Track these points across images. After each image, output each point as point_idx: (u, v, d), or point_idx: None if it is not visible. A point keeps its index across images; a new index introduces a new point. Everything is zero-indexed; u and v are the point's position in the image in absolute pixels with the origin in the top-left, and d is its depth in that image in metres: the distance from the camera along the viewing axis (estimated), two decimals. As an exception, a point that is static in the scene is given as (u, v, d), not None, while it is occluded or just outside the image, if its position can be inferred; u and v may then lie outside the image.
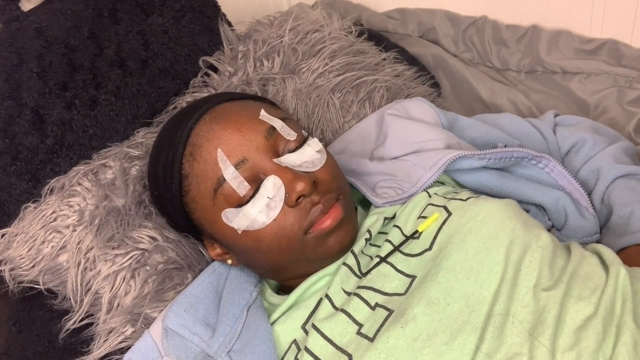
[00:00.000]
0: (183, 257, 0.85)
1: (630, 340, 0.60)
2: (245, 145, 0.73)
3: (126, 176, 0.90)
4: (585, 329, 0.61)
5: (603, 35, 1.11)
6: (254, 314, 0.75)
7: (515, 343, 0.61)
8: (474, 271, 0.67)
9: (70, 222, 0.86)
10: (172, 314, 0.76)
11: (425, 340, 0.63)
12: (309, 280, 0.75)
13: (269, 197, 0.71)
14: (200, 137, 0.74)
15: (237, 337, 0.72)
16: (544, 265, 0.67)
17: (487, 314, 0.63)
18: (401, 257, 0.73)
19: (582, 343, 0.60)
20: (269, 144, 0.74)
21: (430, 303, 0.65)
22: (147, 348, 0.75)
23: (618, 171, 0.85)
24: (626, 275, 0.67)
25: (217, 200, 0.73)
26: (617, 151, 0.88)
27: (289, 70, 0.99)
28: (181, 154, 0.75)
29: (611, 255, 0.71)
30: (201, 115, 0.76)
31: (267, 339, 0.71)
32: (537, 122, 0.94)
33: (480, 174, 0.84)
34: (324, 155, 0.77)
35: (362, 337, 0.66)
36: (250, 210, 0.72)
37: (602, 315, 0.63)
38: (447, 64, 1.20)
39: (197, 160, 0.74)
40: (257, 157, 0.73)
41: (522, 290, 0.65)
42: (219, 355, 0.71)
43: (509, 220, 0.71)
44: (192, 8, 1.06)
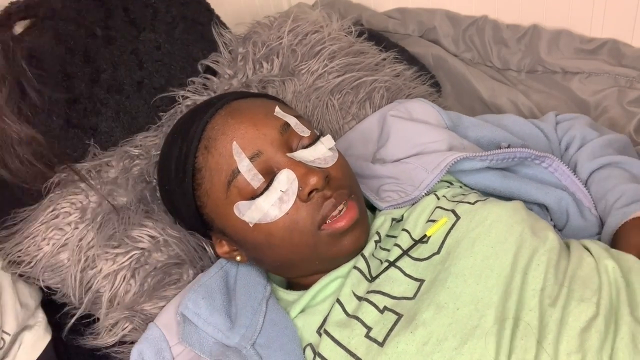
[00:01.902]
0: (185, 252, 0.86)
1: (628, 334, 0.61)
2: (260, 139, 0.73)
3: (127, 174, 0.91)
4: (588, 330, 0.62)
5: (603, 35, 1.11)
6: (273, 308, 0.76)
7: (523, 347, 0.61)
8: (484, 276, 0.67)
9: (72, 219, 0.86)
10: (189, 301, 0.76)
11: (435, 345, 0.63)
12: (322, 282, 0.75)
13: (282, 191, 0.72)
14: (216, 131, 0.75)
15: (259, 330, 0.72)
16: (549, 268, 0.68)
17: (497, 318, 0.63)
18: (410, 261, 0.73)
19: (586, 344, 0.61)
20: (283, 139, 0.74)
21: (440, 308, 0.66)
22: (155, 338, 0.76)
23: (590, 167, 0.86)
24: (614, 267, 0.68)
25: (230, 193, 0.73)
26: (598, 145, 0.88)
27: (288, 72, 1.00)
28: (196, 147, 0.76)
29: (597, 250, 0.71)
30: (217, 110, 0.77)
31: (293, 336, 0.72)
32: (539, 122, 0.95)
33: (483, 175, 0.84)
34: (336, 153, 0.77)
35: (372, 341, 0.66)
36: (262, 203, 0.72)
37: (604, 314, 0.63)
38: (447, 64, 1.20)
39: (211, 153, 0.74)
40: (271, 151, 0.73)
41: (529, 294, 0.65)
42: (243, 346, 0.71)
43: (517, 225, 0.71)
44: (185, 17, 1.05)
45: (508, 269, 0.67)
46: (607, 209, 0.82)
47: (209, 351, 0.72)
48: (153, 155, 0.93)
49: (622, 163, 0.85)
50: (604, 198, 0.83)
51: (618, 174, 0.84)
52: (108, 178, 0.91)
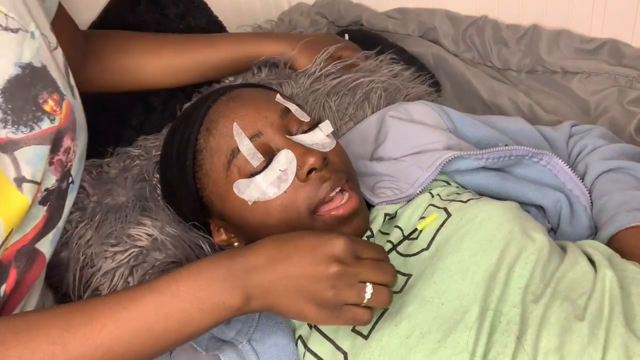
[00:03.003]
0: (182, 251, 0.86)
1: (621, 346, 0.60)
2: (261, 120, 0.76)
3: (126, 173, 0.92)
4: (570, 331, 0.62)
5: (603, 34, 1.10)
6: None
7: (503, 342, 0.62)
8: (470, 272, 0.68)
9: (72, 217, 0.87)
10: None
11: (419, 338, 0.64)
12: None
13: (280, 170, 0.73)
14: (217, 114, 0.77)
15: (255, 325, 0.73)
16: (537, 267, 0.68)
17: (480, 313, 0.64)
18: (398, 256, 0.74)
19: (566, 346, 0.61)
20: (283, 123, 0.77)
21: (425, 302, 0.67)
22: None
23: (603, 166, 0.85)
24: (613, 278, 0.67)
25: (230, 172, 0.75)
26: (609, 150, 0.88)
27: (285, 75, 1.01)
28: (197, 131, 0.78)
29: (599, 257, 0.71)
30: (219, 96, 0.80)
31: (288, 332, 0.72)
32: (550, 132, 0.93)
33: (480, 175, 0.84)
34: (334, 140, 0.79)
35: (356, 334, 0.67)
36: (261, 180, 0.74)
37: (589, 319, 0.63)
38: (447, 64, 1.20)
39: (212, 135, 0.76)
40: (271, 132, 0.75)
41: (513, 291, 0.66)
42: (239, 341, 0.71)
43: (508, 222, 0.72)
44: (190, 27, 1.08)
45: (494, 265, 0.68)
46: (608, 208, 0.81)
47: (205, 345, 0.73)
48: (153, 156, 0.95)
49: (634, 170, 0.85)
50: (606, 195, 0.82)
51: (629, 179, 0.83)
52: (108, 178, 0.92)
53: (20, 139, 0.63)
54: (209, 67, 0.98)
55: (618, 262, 0.71)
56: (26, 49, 0.64)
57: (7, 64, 0.62)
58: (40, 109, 0.65)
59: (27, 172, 0.64)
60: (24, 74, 0.64)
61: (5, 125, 0.62)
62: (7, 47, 0.63)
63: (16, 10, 0.64)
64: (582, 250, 0.74)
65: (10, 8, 0.64)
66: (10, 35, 0.63)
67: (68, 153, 0.70)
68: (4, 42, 0.62)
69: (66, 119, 0.68)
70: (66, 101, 0.68)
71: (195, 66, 0.97)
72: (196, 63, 0.97)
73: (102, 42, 0.96)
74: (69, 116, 0.69)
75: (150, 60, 0.96)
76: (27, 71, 0.64)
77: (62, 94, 0.68)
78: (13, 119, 0.62)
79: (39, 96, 0.65)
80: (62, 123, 0.67)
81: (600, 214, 0.82)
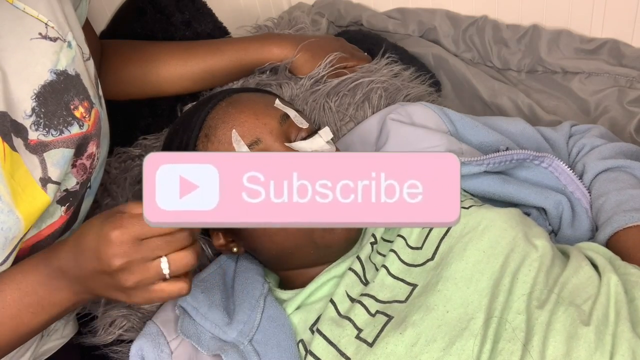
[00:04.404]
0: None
1: (629, 351, 0.60)
2: (260, 127, 0.76)
3: (126, 173, 0.92)
4: (576, 337, 0.62)
5: (603, 34, 1.10)
6: (271, 305, 0.76)
7: (509, 350, 0.62)
8: (474, 280, 0.68)
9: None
10: (188, 295, 0.77)
11: (424, 346, 0.64)
12: (318, 281, 0.76)
13: None
14: (216, 120, 0.77)
15: (257, 326, 0.73)
16: (540, 273, 0.68)
17: (485, 321, 0.64)
18: (404, 267, 0.74)
19: (573, 353, 0.61)
20: (282, 130, 0.76)
21: (430, 310, 0.67)
22: (153, 334, 0.77)
23: (601, 166, 0.85)
24: (618, 282, 0.67)
25: None
26: (607, 149, 0.87)
27: (285, 75, 1.01)
28: (196, 136, 0.78)
29: (602, 262, 0.71)
30: (218, 101, 0.80)
31: (290, 333, 0.72)
32: (551, 132, 0.93)
33: (481, 180, 0.84)
34: (333, 147, 0.79)
35: (361, 342, 0.67)
36: None
37: (595, 324, 0.62)
38: (447, 64, 1.19)
39: (211, 141, 0.76)
40: (270, 139, 0.75)
41: (517, 298, 0.66)
42: (241, 342, 0.72)
43: (511, 229, 0.72)
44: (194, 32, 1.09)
45: (498, 272, 0.68)
46: (605, 209, 0.81)
47: (207, 345, 0.73)
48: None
49: (631, 168, 0.85)
50: (604, 196, 0.82)
51: (626, 178, 0.83)
52: (108, 178, 0.92)
53: (50, 141, 0.67)
54: (214, 75, 0.99)
55: (619, 266, 0.71)
56: (62, 57, 0.68)
57: (43, 71, 0.66)
58: (71, 114, 0.68)
59: (53, 174, 0.67)
60: (59, 81, 0.67)
61: (37, 128, 0.66)
62: (45, 55, 0.66)
63: (56, 20, 0.68)
64: (585, 255, 0.74)
65: (51, 17, 0.67)
66: (49, 44, 0.67)
67: (92, 159, 0.73)
68: (42, 50, 0.66)
69: (94, 126, 0.72)
70: (95, 109, 0.72)
71: (201, 75, 0.99)
72: (201, 72, 0.98)
73: (110, 52, 0.98)
74: (97, 124, 0.72)
75: (156, 70, 0.97)
76: (62, 78, 0.67)
77: (92, 102, 0.71)
78: (45, 122, 0.66)
79: (70, 102, 0.68)
80: (90, 130, 0.71)
81: (599, 214, 0.82)
